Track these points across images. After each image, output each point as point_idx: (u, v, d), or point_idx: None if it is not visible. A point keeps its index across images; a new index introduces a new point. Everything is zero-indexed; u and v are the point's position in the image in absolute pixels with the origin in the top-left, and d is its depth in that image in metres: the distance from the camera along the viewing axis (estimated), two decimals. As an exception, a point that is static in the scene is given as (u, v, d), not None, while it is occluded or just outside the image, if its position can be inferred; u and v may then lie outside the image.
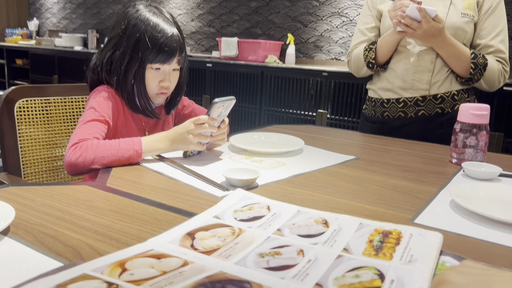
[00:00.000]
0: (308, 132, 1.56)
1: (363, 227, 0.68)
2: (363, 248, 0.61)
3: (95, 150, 1.02)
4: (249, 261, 0.57)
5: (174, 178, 0.97)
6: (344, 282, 0.52)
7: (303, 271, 0.54)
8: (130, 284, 0.49)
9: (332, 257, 0.59)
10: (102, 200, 0.81)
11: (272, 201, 0.80)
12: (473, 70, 1.43)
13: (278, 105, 3.51)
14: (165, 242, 0.62)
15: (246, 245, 0.61)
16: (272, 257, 0.58)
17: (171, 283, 0.49)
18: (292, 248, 0.61)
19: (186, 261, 0.56)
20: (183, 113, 1.43)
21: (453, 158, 1.21)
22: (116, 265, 0.54)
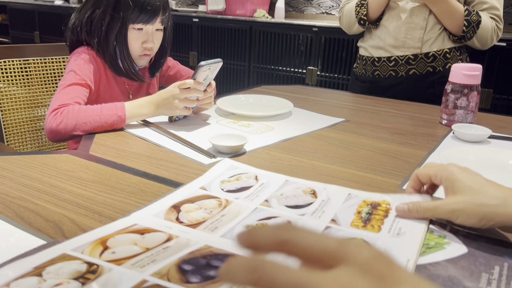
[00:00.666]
0: (297, 93, 1.53)
1: (351, 197, 0.67)
2: (351, 219, 0.60)
3: (77, 116, 0.98)
4: (236, 234, 0.56)
5: (159, 145, 0.95)
6: None
7: None
8: (111, 264, 0.47)
9: (320, 228, 0.58)
10: (85, 170, 0.79)
11: (260, 171, 0.77)
12: (466, 28, 1.39)
13: (268, 62, 3.44)
14: (150, 215, 0.60)
15: (232, 217, 0.60)
16: None
17: (154, 260, 0.48)
18: (280, 219, 0.60)
19: (170, 236, 0.54)
20: (168, 75, 1.38)
21: (443, 119, 1.19)
22: (98, 243, 0.52)
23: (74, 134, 0.99)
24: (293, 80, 3.36)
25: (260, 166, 0.84)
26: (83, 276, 0.45)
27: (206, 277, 0.45)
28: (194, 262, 0.48)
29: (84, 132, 0.99)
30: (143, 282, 0.44)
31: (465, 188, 0.56)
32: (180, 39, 3.79)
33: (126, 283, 0.44)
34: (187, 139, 0.97)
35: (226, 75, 3.55)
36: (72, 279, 0.44)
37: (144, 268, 0.47)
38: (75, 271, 0.46)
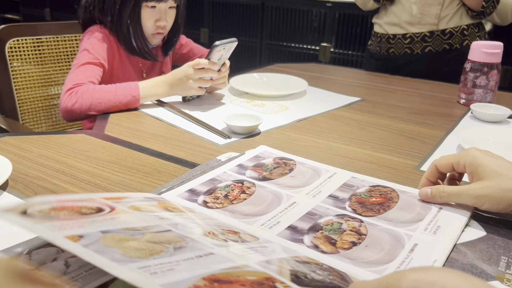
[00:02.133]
0: (312, 71, 1.51)
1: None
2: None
3: (91, 95, 0.98)
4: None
5: (174, 125, 0.94)
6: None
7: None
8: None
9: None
10: (101, 150, 0.79)
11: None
12: (485, 3, 1.34)
13: (280, 39, 3.39)
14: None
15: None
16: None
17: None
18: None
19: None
20: (181, 53, 1.37)
21: (462, 98, 1.17)
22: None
23: (88, 114, 0.99)
24: (306, 57, 3.32)
25: (275, 146, 0.84)
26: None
27: None
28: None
29: (99, 112, 0.99)
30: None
31: (490, 173, 0.54)
32: (191, 15, 3.75)
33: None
34: (201, 119, 0.97)
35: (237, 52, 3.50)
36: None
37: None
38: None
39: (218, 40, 1.01)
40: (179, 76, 1.03)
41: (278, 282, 0.34)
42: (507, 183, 0.53)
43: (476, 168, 0.56)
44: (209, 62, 1.02)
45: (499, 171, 0.54)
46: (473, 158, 0.57)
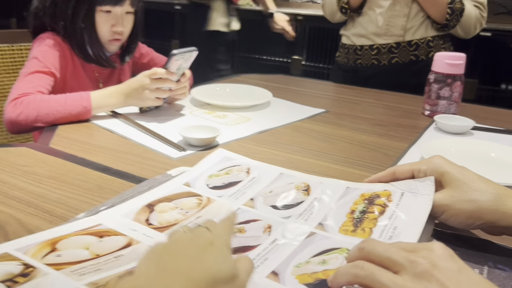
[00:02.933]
0: (278, 83, 1.48)
1: (349, 192, 0.58)
2: (341, 222, 0.53)
3: (38, 106, 0.92)
4: None
5: (126, 137, 0.89)
6: (305, 271, 0.44)
7: (262, 254, 0.47)
8: (48, 268, 0.43)
9: (302, 236, 0.50)
10: (41, 164, 0.73)
11: (254, 162, 0.70)
12: (449, 16, 1.35)
13: (252, 51, 3.38)
14: (118, 215, 0.55)
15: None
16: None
17: (97, 270, 0.43)
18: (259, 224, 0.53)
19: (131, 241, 0.49)
20: (141, 62, 1.32)
21: (426, 110, 1.16)
22: (47, 243, 0.47)
23: (35, 126, 0.93)
24: (277, 69, 3.31)
25: (232, 159, 0.80)
26: (12, 279, 0.41)
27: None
28: None
29: (47, 123, 0.93)
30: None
31: (453, 181, 0.51)
32: (162, 27, 3.70)
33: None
34: (158, 131, 0.92)
35: (209, 64, 3.47)
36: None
37: (83, 276, 0.42)
38: (6, 272, 0.42)
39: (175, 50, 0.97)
40: (134, 86, 0.98)
41: None
42: (470, 193, 0.50)
43: (440, 176, 0.53)
44: (167, 72, 0.98)
45: (463, 180, 0.51)
46: (436, 165, 0.54)
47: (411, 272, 0.35)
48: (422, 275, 0.35)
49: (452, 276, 0.34)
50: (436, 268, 0.35)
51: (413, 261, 0.36)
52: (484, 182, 0.51)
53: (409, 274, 0.35)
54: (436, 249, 0.37)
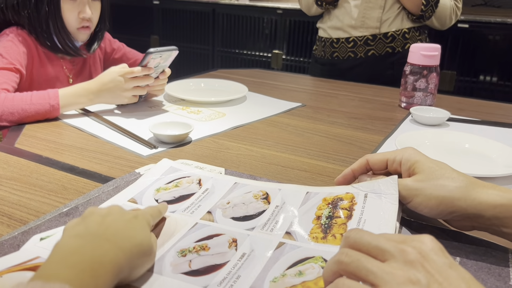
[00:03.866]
0: (254, 77, 1.46)
1: (310, 197, 0.56)
2: (309, 229, 0.50)
3: (2, 104, 0.88)
4: (166, 265, 0.44)
5: (95, 135, 0.86)
6: (283, 285, 0.41)
7: (233, 272, 0.43)
8: None
9: (271, 247, 0.47)
10: (3, 165, 0.70)
11: (204, 173, 0.65)
12: (424, 7, 1.34)
13: (232, 46, 3.35)
14: None
15: (165, 240, 0.48)
16: (196, 255, 0.46)
17: None
18: (223, 238, 0.49)
19: None
20: (113, 58, 1.28)
21: (402, 102, 1.15)
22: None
23: (0, 125, 0.89)
24: (258, 64, 3.29)
25: (205, 156, 0.78)
26: None
27: None
28: None
29: (12, 122, 0.90)
30: None
31: (425, 168, 0.51)
32: (141, 22, 3.65)
33: None
34: (129, 128, 0.89)
35: (189, 59, 3.43)
36: None
37: None
38: None
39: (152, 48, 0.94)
40: (108, 86, 0.95)
41: None
42: (441, 179, 0.49)
43: (413, 164, 0.52)
44: (143, 69, 0.95)
45: (434, 168, 0.51)
46: (410, 155, 0.53)
47: (400, 260, 0.34)
48: (411, 263, 0.34)
49: (442, 270, 0.33)
50: (426, 260, 0.34)
51: (403, 250, 0.34)
52: (455, 172, 0.50)
53: (398, 262, 0.34)
54: (426, 241, 0.35)
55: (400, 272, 0.33)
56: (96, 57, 1.23)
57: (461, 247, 0.51)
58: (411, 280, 0.32)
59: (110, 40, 1.28)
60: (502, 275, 0.47)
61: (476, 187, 0.48)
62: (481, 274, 0.47)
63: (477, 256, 0.50)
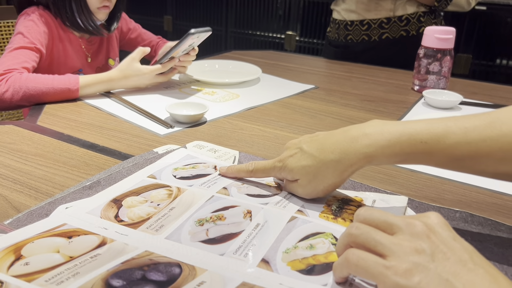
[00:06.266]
0: (268, 59, 1.47)
1: None
2: (320, 210, 0.52)
3: (25, 85, 0.91)
4: (184, 233, 0.47)
5: (113, 114, 0.89)
6: (295, 257, 0.43)
7: (248, 241, 0.45)
8: (20, 280, 0.38)
9: (285, 219, 0.50)
10: (28, 142, 0.73)
11: (220, 162, 0.66)
12: (437, 2, 1.34)
13: (245, 27, 3.34)
14: (83, 213, 0.50)
15: (183, 210, 0.51)
16: (213, 224, 0.48)
17: (76, 274, 0.39)
18: (238, 210, 0.51)
19: (104, 240, 0.45)
20: (129, 38, 1.30)
21: (415, 85, 1.16)
22: (10, 250, 0.42)
23: (21, 104, 0.92)
24: (271, 46, 3.28)
25: (220, 136, 0.80)
26: None
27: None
28: (126, 276, 0.39)
29: (30, 103, 0.93)
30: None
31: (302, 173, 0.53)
32: (154, 2, 3.64)
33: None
34: (146, 108, 0.92)
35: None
36: None
37: (62, 285, 0.37)
38: None
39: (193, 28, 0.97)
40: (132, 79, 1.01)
41: None
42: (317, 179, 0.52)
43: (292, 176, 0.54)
44: (163, 66, 1.02)
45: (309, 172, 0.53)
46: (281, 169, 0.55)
47: (407, 233, 0.36)
48: (418, 235, 0.36)
49: (447, 241, 0.36)
50: (432, 232, 0.36)
51: (410, 223, 0.37)
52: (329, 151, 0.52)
53: (405, 234, 0.37)
54: (432, 217, 0.38)
55: (407, 243, 0.35)
56: (113, 36, 1.25)
57: (467, 228, 0.53)
58: (416, 249, 0.35)
59: (126, 20, 1.30)
60: (505, 254, 0.49)
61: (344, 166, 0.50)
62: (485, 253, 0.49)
63: (482, 237, 0.52)
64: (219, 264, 0.42)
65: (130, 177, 0.60)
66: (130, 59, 1.00)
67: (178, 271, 0.40)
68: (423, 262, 0.34)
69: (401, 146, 0.47)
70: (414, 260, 0.34)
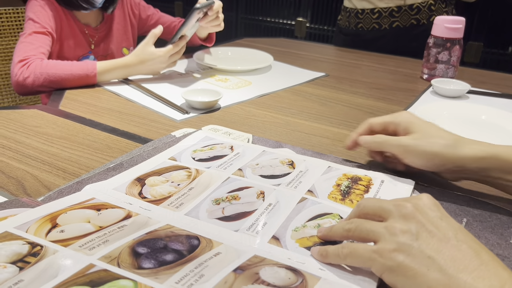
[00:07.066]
0: (279, 46, 1.49)
1: (331, 170, 0.62)
2: (329, 191, 0.56)
3: (45, 71, 0.95)
4: (202, 211, 0.51)
5: (131, 100, 0.93)
6: (303, 235, 0.47)
7: (260, 219, 0.49)
8: (56, 245, 0.42)
9: (295, 200, 0.53)
10: (52, 125, 0.77)
11: (236, 142, 0.71)
12: None
13: (255, 13, 3.34)
14: (110, 189, 0.55)
15: (201, 190, 0.55)
16: (228, 203, 0.52)
17: (105, 241, 0.43)
18: (252, 190, 0.55)
19: (129, 213, 0.49)
20: (149, 24, 1.33)
21: (424, 74, 1.18)
22: (46, 219, 0.46)
23: (41, 90, 0.96)
24: (281, 32, 3.28)
25: (233, 122, 0.83)
26: (22, 260, 0.40)
27: (161, 262, 0.41)
28: (150, 244, 0.43)
29: (50, 89, 0.97)
30: (90, 266, 0.39)
31: (419, 129, 0.57)
32: (165, -12, 3.65)
33: (70, 268, 0.39)
34: (161, 94, 0.95)
35: (213, 26, 3.44)
36: (9, 263, 0.39)
37: (93, 250, 0.42)
38: (14, 253, 0.40)
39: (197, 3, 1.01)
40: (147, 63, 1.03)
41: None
42: (432, 137, 0.56)
43: (407, 125, 0.59)
44: (174, 46, 1.04)
45: (426, 128, 0.58)
46: (405, 118, 0.60)
47: (396, 215, 0.40)
48: (406, 216, 0.39)
49: (433, 220, 0.39)
50: (420, 212, 0.39)
51: (399, 205, 0.41)
52: (445, 131, 0.57)
53: (395, 217, 0.40)
54: (423, 198, 0.41)
55: (395, 224, 0.39)
56: (127, 26, 1.28)
57: (469, 210, 0.56)
58: (402, 230, 0.38)
59: (145, 7, 1.32)
60: (504, 234, 0.52)
61: (462, 143, 0.55)
62: (484, 233, 0.52)
63: (483, 218, 0.55)
64: (233, 239, 0.46)
65: (152, 158, 0.64)
66: (143, 43, 1.03)
67: (196, 242, 0.44)
68: (407, 241, 0.37)
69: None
70: (399, 241, 0.38)
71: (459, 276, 0.35)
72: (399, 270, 0.37)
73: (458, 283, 0.35)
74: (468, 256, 0.36)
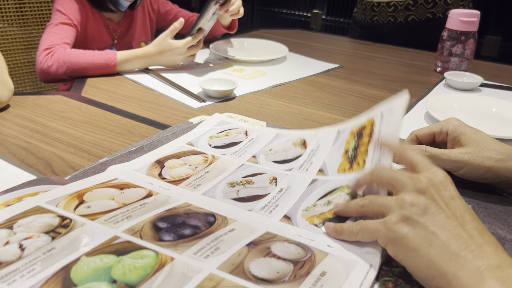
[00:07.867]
0: (295, 38, 1.51)
1: (341, 135, 0.64)
2: (338, 163, 0.58)
3: (68, 60, 0.99)
4: (218, 192, 0.54)
5: (150, 88, 0.96)
6: (313, 213, 0.50)
7: (273, 202, 0.52)
8: (84, 219, 0.46)
9: (306, 183, 0.56)
10: (76, 111, 0.81)
11: (250, 126, 0.74)
12: None
13: (271, 5, 3.35)
14: (132, 170, 0.58)
15: (217, 174, 0.58)
16: (243, 187, 0.55)
17: (129, 217, 0.47)
18: (265, 176, 0.58)
19: (150, 192, 0.52)
20: (167, 19, 1.36)
21: (438, 66, 1.19)
22: (74, 196, 0.50)
23: (62, 78, 1.00)
24: (297, 24, 3.29)
25: (248, 111, 0.86)
26: (54, 230, 0.43)
27: (180, 235, 0.44)
28: (170, 220, 0.46)
29: (71, 77, 1.01)
30: (115, 238, 0.43)
31: (471, 141, 0.58)
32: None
33: (97, 239, 0.42)
34: (179, 83, 0.98)
35: (229, 18, 3.46)
36: (42, 233, 0.43)
37: (118, 224, 0.45)
38: (46, 224, 0.44)
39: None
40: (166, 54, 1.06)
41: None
42: (485, 151, 0.56)
43: (458, 136, 0.59)
44: (193, 38, 1.06)
45: (478, 140, 0.58)
46: (455, 127, 0.60)
47: (411, 188, 0.41)
48: (420, 190, 0.41)
49: (445, 198, 0.41)
50: (434, 188, 0.41)
51: (414, 178, 0.42)
52: (496, 143, 0.58)
53: (409, 190, 0.41)
54: (439, 175, 0.42)
55: (406, 197, 0.41)
56: (146, 20, 1.31)
57: (476, 195, 0.59)
58: (412, 203, 0.40)
59: (163, 2, 1.35)
60: (508, 220, 0.54)
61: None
62: (488, 219, 0.54)
63: (488, 204, 0.57)
64: (247, 217, 0.49)
65: (171, 143, 0.67)
66: (163, 35, 1.06)
67: (212, 219, 0.48)
68: (413, 215, 0.39)
69: None
70: (405, 213, 0.40)
71: (460, 254, 0.37)
72: (402, 242, 0.39)
73: (458, 259, 0.37)
74: (471, 236, 0.38)
